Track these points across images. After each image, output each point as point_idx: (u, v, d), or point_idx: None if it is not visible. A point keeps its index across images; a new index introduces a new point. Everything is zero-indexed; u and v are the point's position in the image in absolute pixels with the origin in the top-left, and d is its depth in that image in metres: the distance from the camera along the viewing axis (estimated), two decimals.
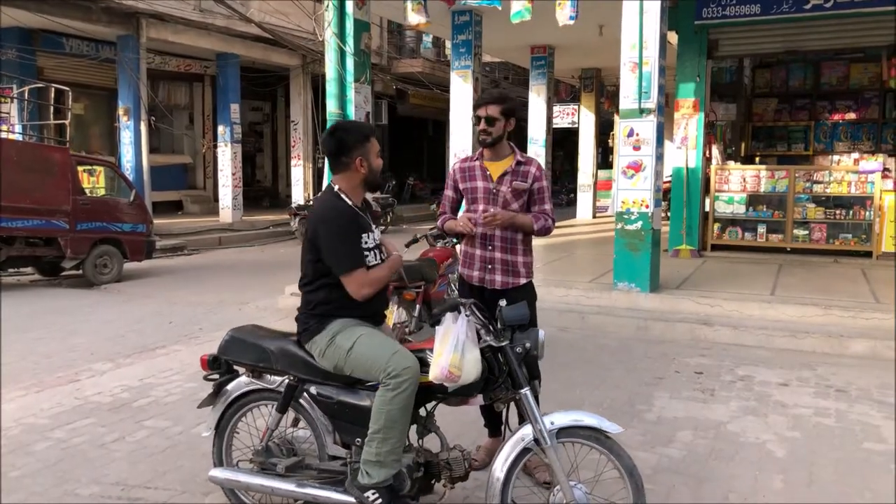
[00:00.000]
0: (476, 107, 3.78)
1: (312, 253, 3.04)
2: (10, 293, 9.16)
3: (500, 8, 7.99)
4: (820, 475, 3.81)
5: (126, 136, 14.88)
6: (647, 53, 7.18)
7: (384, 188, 19.96)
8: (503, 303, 2.95)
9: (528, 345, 2.89)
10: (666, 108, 8.60)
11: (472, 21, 10.87)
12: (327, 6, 8.29)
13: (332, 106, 8.35)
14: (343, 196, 3.08)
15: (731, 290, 7.58)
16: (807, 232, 10.04)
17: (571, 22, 7.47)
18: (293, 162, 19.10)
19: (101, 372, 5.68)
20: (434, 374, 2.80)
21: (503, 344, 2.89)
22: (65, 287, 9.89)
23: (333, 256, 2.97)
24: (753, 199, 10.37)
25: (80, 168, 10.18)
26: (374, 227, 3.16)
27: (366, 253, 3.05)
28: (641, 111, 7.24)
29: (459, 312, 2.86)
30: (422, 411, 3.06)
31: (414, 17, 8.20)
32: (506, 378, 2.91)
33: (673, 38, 9.94)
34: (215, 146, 17.88)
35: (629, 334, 6.82)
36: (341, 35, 8.28)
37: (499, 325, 2.93)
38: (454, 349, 2.77)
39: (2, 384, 5.26)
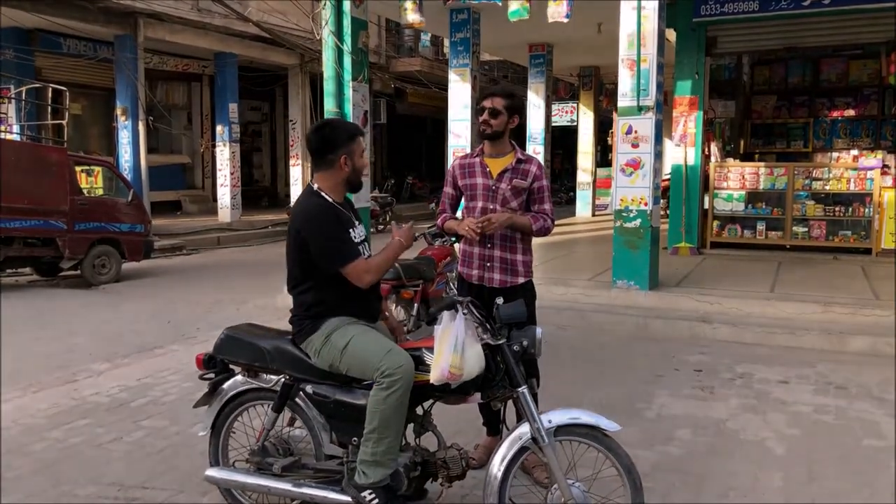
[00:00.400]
0: (482, 98, 3.76)
1: (299, 253, 3.01)
2: (9, 294, 9.13)
3: (499, 4, 7.97)
4: (819, 472, 3.80)
5: (124, 136, 14.85)
6: (644, 51, 7.17)
7: (383, 187, 19.95)
8: (500, 300, 2.94)
9: (525, 343, 2.87)
10: (665, 106, 8.58)
11: (470, 19, 10.85)
12: (324, 5, 8.27)
13: (329, 104, 8.32)
14: (323, 194, 3.05)
15: (730, 288, 7.56)
16: (806, 229, 10.03)
17: (566, 20, 7.45)
18: (292, 161, 19.06)
19: (98, 372, 5.66)
20: (435, 377, 2.78)
21: (500, 342, 2.87)
22: (63, 287, 9.87)
23: (325, 253, 2.95)
24: (752, 197, 10.36)
25: (77, 168, 10.16)
26: (357, 223, 3.14)
27: None
28: (640, 108, 7.22)
29: (456, 311, 2.85)
30: (419, 410, 3.04)
31: (410, 17, 8.25)
32: (503, 376, 2.89)
33: (671, 35, 9.92)
34: (214, 146, 17.86)
35: (628, 332, 6.80)
36: (339, 33, 8.25)
37: (496, 323, 2.91)
38: (454, 349, 2.75)
39: (1, 385, 5.26)
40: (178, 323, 7.44)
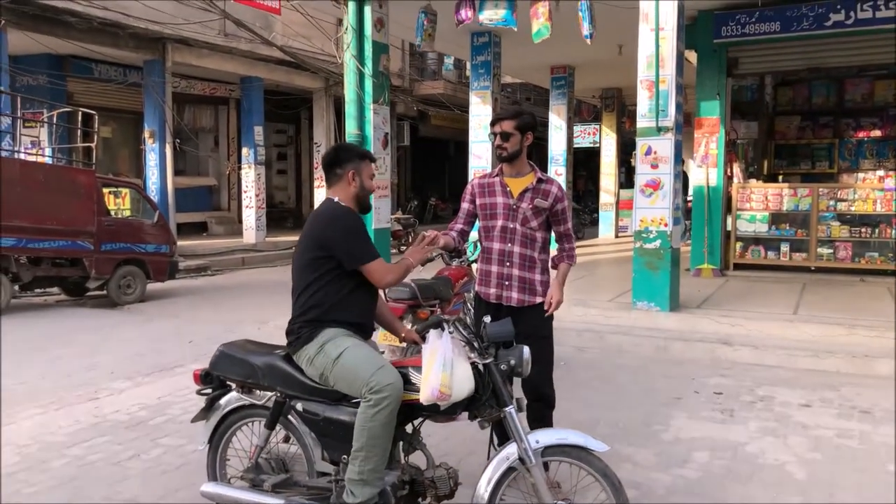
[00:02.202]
0: (491, 123, 3.79)
1: (312, 252, 3.07)
2: (36, 313, 9.31)
3: (515, 29, 8.06)
4: (841, 498, 3.71)
5: (152, 159, 15.12)
6: (663, 72, 7.17)
7: (406, 208, 20.05)
8: (487, 319, 2.94)
9: (512, 362, 2.86)
10: (686, 127, 8.55)
11: (490, 42, 10.96)
12: (346, 29, 8.41)
13: (351, 127, 8.43)
14: (343, 203, 3.17)
15: (752, 310, 7.47)
16: (832, 250, 9.89)
17: (588, 41, 7.50)
18: (316, 184, 19.25)
19: (119, 390, 5.73)
20: (425, 396, 2.77)
21: (487, 361, 2.86)
22: (89, 307, 10.02)
23: (351, 251, 3.02)
24: (776, 218, 10.26)
25: (105, 190, 10.36)
26: None
27: None
28: (658, 129, 7.22)
29: (443, 329, 2.85)
30: (408, 428, 3.04)
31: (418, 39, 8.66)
32: (490, 395, 2.86)
33: (692, 56, 9.91)
34: (239, 168, 18.10)
35: (648, 354, 6.73)
36: (360, 57, 8.38)
37: (483, 342, 2.89)
38: (443, 368, 2.75)
39: (17, 402, 5.33)
40: (200, 342, 7.51)
